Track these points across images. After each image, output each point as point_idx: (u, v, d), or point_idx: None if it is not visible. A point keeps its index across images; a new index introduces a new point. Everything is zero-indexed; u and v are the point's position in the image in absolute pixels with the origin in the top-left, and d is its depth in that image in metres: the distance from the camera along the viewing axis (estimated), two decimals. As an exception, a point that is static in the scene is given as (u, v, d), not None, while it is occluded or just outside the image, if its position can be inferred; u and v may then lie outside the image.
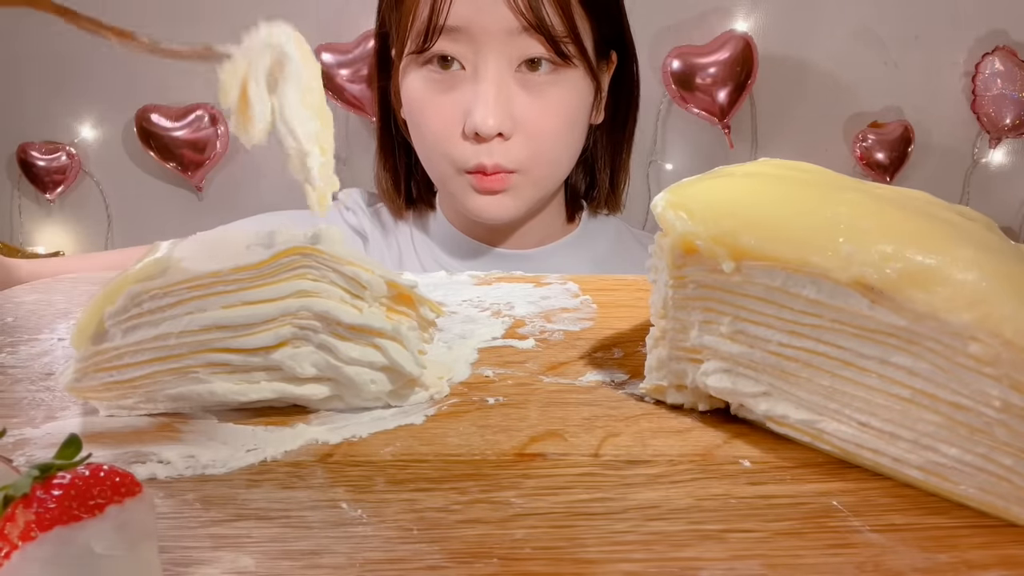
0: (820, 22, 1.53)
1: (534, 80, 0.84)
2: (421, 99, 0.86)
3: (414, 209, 0.99)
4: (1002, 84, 1.51)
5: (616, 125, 0.96)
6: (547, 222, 0.96)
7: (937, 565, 0.34)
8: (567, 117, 0.86)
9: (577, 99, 0.87)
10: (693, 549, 0.35)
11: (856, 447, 0.41)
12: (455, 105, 0.84)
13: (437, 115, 0.85)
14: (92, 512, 0.29)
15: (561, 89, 0.85)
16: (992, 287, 0.36)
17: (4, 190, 1.65)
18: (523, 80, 0.84)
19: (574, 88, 0.86)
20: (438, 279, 0.67)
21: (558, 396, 0.48)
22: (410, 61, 0.86)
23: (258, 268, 0.44)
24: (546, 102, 0.84)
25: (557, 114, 0.85)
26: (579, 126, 0.89)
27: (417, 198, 0.98)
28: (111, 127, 1.62)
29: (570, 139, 0.88)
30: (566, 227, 0.98)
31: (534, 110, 0.84)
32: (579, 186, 0.98)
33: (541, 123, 0.84)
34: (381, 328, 0.46)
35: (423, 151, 0.90)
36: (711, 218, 0.43)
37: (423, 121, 0.87)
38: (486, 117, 0.81)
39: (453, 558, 0.34)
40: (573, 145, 0.90)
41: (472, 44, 0.82)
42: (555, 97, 0.85)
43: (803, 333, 0.42)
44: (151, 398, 0.46)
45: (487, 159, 0.83)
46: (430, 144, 0.87)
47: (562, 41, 0.82)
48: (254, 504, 0.38)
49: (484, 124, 0.81)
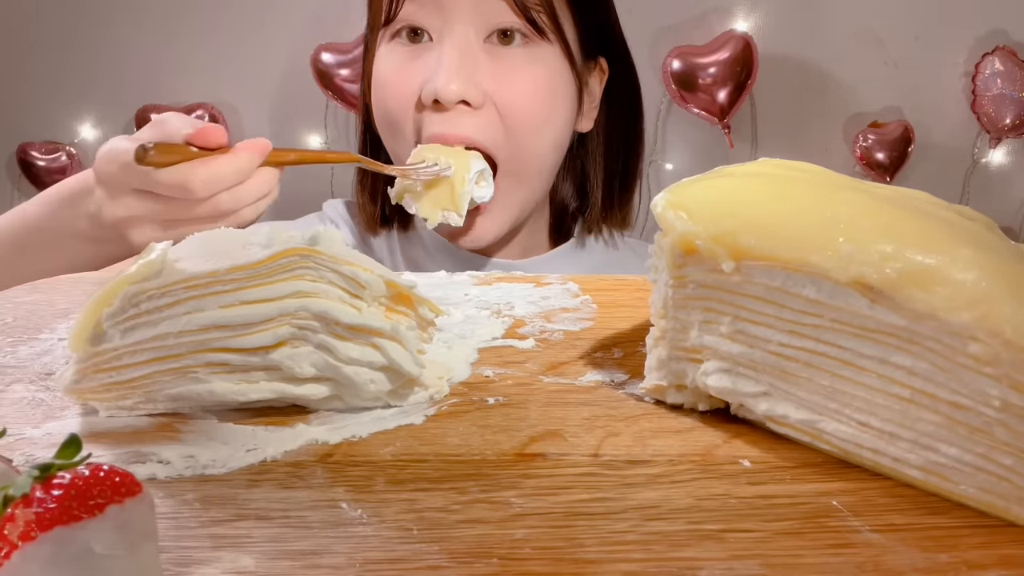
0: (820, 22, 1.54)
1: (504, 52, 0.80)
2: (385, 73, 0.82)
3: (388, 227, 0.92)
4: (1002, 84, 1.51)
5: (610, 142, 0.92)
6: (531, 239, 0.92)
7: (937, 565, 0.34)
8: (543, 97, 0.81)
9: (552, 79, 0.81)
10: (692, 549, 0.35)
11: (856, 447, 0.41)
12: (418, 75, 0.79)
13: (399, 87, 0.81)
14: (92, 512, 0.29)
15: (533, 64, 0.80)
16: (992, 287, 0.36)
17: (4, 190, 1.65)
18: (492, 51, 0.80)
19: (548, 66, 0.81)
20: (438, 279, 0.67)
21: (558, 396, 0.48)
22: (381, 38, 0.83)
23: (255, 268, 0.44)
24: (517, 75, 0.80)
25: (531, 90, 0.80)
26: (559, 117, 0.83)
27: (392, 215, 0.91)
28: (111, 127, 1.62)
29: (550, 129, 0.83)
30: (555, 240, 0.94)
31: (504, 83, 0.79)
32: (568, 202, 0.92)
33: (513, 97, 0.79)
34: (380, 328, 0.46)
35: (386, 133, 0.85)
36: (711, 218, 0.43)
37: (385, 97, 0.82)
38: (447, 81, 0.77)
39: (453, 558, 0.34)
40: (555, 139, 0.84)
41: (440, 11, 0.79)
42: (526, 71, 0.80)
43: (803, 333, 0.42)
44: (151, 398, 0.46)
45: (452, 129, 0.78)
46: (391, 122, 0.82)
47: (534, 8, 0.78)
48: (254, 504, 0.38)
49: (445, 89, 0.76)
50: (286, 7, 1.55)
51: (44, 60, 1.60)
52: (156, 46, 1.56)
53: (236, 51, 1.56)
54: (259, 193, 0.69)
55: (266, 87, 1.58)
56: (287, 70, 1.57)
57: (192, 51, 1.57)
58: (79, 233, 0.72)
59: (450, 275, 0.69)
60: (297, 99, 1.58)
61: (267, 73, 1.57)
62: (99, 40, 1.57)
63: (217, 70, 1.57)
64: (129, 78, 1.58)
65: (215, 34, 1.57)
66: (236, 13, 1.56)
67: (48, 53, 1.59)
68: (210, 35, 1.57)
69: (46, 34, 1.58)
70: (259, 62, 1.57)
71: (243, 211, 0.68)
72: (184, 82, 1.57)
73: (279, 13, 1.55)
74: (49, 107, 1.61)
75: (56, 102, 1.61)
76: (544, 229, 0.94)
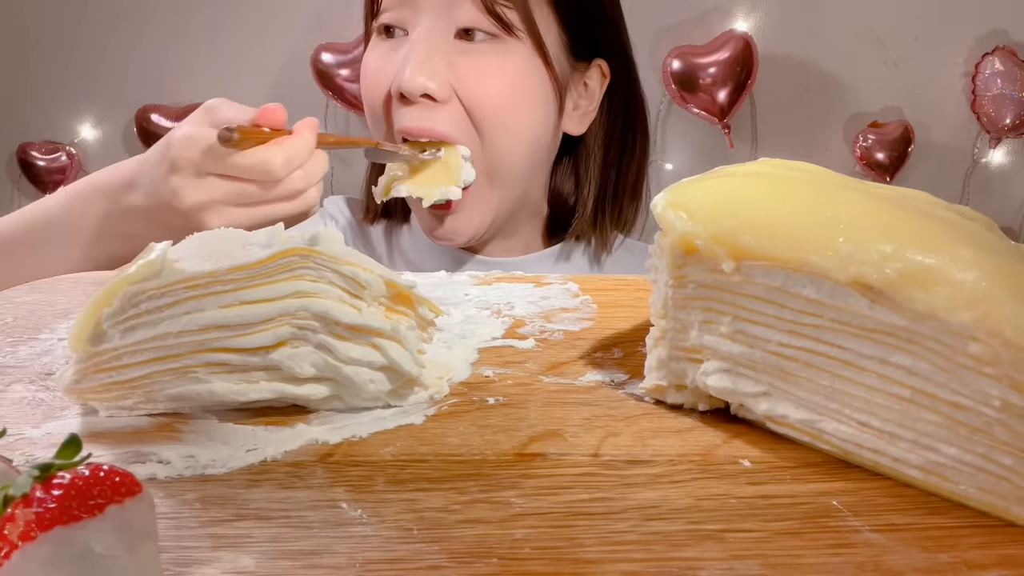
0: (820, 22, 1.54)
1: (471, 48, 0.81)
2: (365, 67, 0.85)
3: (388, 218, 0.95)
4: (1002, 84, 1.51)
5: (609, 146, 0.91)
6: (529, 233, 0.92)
7: (937, 565, 0.34)
8: (509, 92, 0.82)
9: (520, 75, 0.82)
10: (692, 549, 0.35)
11: (856, 447, 0.41)
12: (390, 68, 0.82)
13: (374, 81, 0.83)
14: (92, 512, 0.29)
15: (499, 59, 0.81)
16: (992, 287, 0.36)
17: (4, 190, 1.65)
18: (461, 47, 0.81)
19: (514, 61, 0.82)
20: (438, 279, 0.67)
21: (558, 396, 0.48)
22: (373, 32, 0.86)
23: (255, 268, 0.44)
24: (483, 70, 0.81)
25: (496, 85, 0.81)
26: (529, 112, 0.84)
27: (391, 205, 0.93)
28: (111, 127, 1.62)
29: (520, 125, 0.83)
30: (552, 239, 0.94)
31: (469, 77, 0.80)
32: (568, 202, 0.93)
33: (478, 91, 0.81)
34: (380, 328, 0.46)
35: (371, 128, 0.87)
36: (711, 218, 0.43)
37: (365, 87, 0.85)
38: (413, 75, 0.78)
39: (453, 558, 0.34)
40: (527, 135, 0.84)
41: (412, 6, 0.81)
42: (493, 66, 0.81)
43: (803, 333, 0.42)
44: (151, 398, 0.46)
45: (414, 122, 0.80)
46: (369, 114, 0.85)
47: (502, 5, 0.79)
48: (254, 504, 0.38)
49: (410, 82, 0.78)
50: (286, 7, 1.55)
51: (45, 60, 1.60)
52: (156, 46, 1.57)
53: (236, 51, 1.56)
54: (323, 171, 0.71)
55: (266, 87, 1.58)
56: (287, 70, 1.57)
57: (192, 51, 1.57)
58: (111, 227, 0.73)
59: (450, 275, 0.69)
60: (297, 99, 1.57)
61: (267, 73, 1.57)
62: (99, 40, 1.57)
63: (217, 70, 1.57)
64: (129, 78, 1.58)
65: (215, 34, 1.57)
66: (236, 13, 1.56)
67: (49, 53, 1.59)
68: (210, 35, 1.57)
69: (47, 34, 1.58)
70: (259, 62, 1.57)
71: (311, 191, 0.70)
72: (184, 82, 1.57)
73: (279, 13, 1.55)
74: (49, 107, 1.61)
75: (56, 102, 1.61)
76: (540, 228, 0.94)
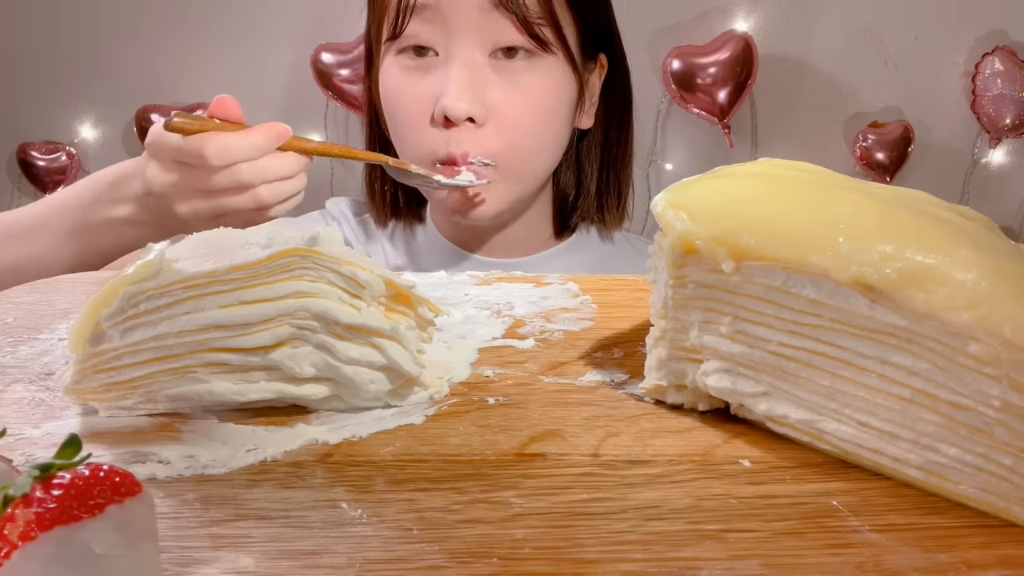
0: (820, 22, 1.54)
1: (509, 66, 0.82)
2: (394, 86, 0.85)
3: (399, 218, 0.96)
4: (1002, 84, 1.51)
5: (608, 133, 0.93)
6: (535, 230, 0.93)
7: (937, 565, 0.34)
8: (544, 107, 0.84)
9: (556, 89, 0.84)
10: (692, 549, 0.35)
11: (856, 447, 0.41)
12: (427, 91, 0.82)
13: (409, 102, 0.83)
14: (92, 512, 0.29)
15: (538, 77, 0.83)
16: (992, 287, 0.36)
17: (4, 190, 1.65)
18: (498, 66, 0.82)
19: (552, 77, 0.83)
20: (438, 279, 0.67)
21: (558, 396, 0.48)
22: (387, 50, 0.85)
23: (255, 268, 0.44)
24: (521, 89, 0.82)
25: (533, 103, 0.83)
26: (559, 121, 0.86)
27: (404, 206, 0.95)
28: (111, 127, 1.62)
29: (549, 133, 0.85)
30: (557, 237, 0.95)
31: (508, 97, 0.82)
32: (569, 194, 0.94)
33: (516, 111, 0.82)
34: (380, 328, 0.46)
35: (398, 144, 0.88)
36: (711, 218, 0.43)
37: (396, 110, 0.85)
38: (456, 100, 0.79)
39: (453, 558, 0.34)
40: (553, 140, 0.86)
41: (444, 25, 0.81)
42: (531, 84, 0.82)
43: (803, 333, 0.42)
44: (151, 398, 0.46)
45: (456, 148, 0.81)
46: (402, 134, 0.85)
47: (536, 23, 0.80)
48: (254, 504, 0.38)
49: (454, 107, 0.79)
50: (286, 7, 1.55)
51: (45, 60, 1.60)
52: (156, 46, 1.56)
53: (236, 51, 1.56)
54: (281, 172, 0.74)
55: (266, 87, 1.57)
56: (287, 70, 1.57)
57: (192, 51, 1.57)
58: (119, 216, 0.78)
59: (450, 275, 0.69)
60: (297, 99, 1.58)
61: (267, 73, 1.57)
62: (99, 40, 1.57)
63: (217, 70, 1.57)
64: (129, 78, 1.58)
65: (215, 34, 1.57)
66: (236, 13, 1.56)
67: (49, 53, 1.59)
68: (210, 35, 1.57)
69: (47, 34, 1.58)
70: (259, 62, 1.57)
71: (261, 189, 0.73)
72: (184, 82, 1.57)
73: (279, 13, 1.55)
74: (49, 107, 1.61)
75: (56, 102, 1.61)
76: (546, 225, 0.95)
